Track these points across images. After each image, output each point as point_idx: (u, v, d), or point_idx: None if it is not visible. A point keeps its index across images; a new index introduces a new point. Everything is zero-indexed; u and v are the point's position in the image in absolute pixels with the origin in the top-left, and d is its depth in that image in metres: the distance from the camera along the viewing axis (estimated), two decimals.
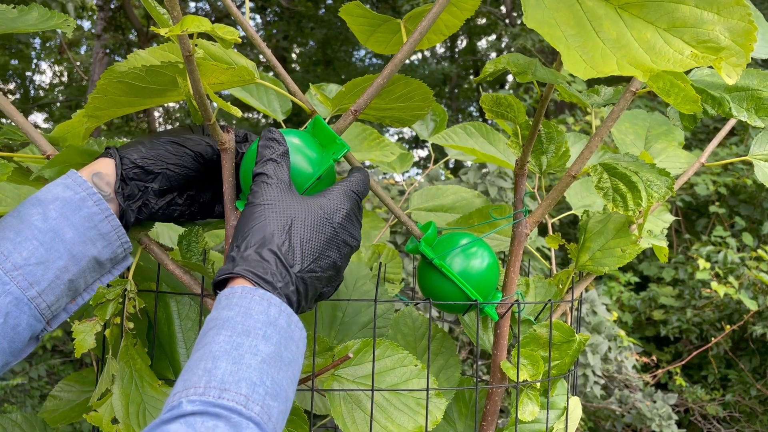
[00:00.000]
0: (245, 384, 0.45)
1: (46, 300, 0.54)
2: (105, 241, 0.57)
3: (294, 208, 0.55)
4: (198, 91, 0.53)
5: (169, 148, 0.62)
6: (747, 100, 0.63)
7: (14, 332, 0.53)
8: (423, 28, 0.56)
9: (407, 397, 0.66)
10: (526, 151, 0.74)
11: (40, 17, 0.67)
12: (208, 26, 0.44)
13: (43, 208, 0.55)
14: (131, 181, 0.60)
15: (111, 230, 0.57)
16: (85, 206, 0.56)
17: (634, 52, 0.46)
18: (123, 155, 0.60)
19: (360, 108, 0.61)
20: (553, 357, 0.78)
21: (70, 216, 0.55)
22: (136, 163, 0.60)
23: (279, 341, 0.48)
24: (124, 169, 0.60)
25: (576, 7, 0.48)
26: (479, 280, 0.72)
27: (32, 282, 0.53)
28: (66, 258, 0.55)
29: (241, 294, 0.49)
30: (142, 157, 0.61)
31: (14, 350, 0.54)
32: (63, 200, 0.56)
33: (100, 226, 0.57)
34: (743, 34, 0.46)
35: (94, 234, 0.56)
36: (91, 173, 0.59)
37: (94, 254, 0.57)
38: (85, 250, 0.56)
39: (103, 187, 0.59)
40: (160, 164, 0.61)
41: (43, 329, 0.56)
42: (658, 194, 0.64)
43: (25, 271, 0.53)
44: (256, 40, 0.64)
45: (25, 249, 0.53)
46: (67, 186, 0.56)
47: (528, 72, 0.60)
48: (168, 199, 0.64)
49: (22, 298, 0.53)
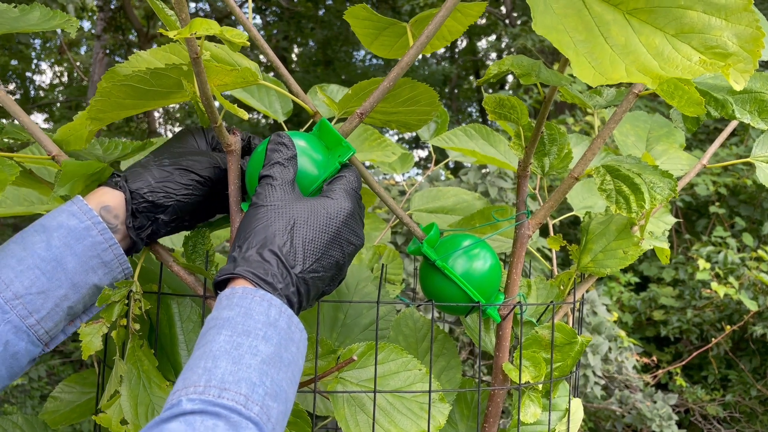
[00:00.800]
0: (245, 384, 0.45)
1: (44, 327, 0.55)
2: (107, 269, 0.57)
3: (297, 209, 0.55)
4: (205, 93, 0.53)
5: (178, 179, 0.61)
6: (750, 103, 0.63)
7: (13, 359, 0.53)
8: (430, 31, 0.56)
9: (410, 401, 0.66)
10: (528, 152, 0.74)
11: (42, 17, 0.67)
12: (216, 29, 0.44)
13: (47, 235, 0.55)
14: (141, 213, 0.60)
15: (113, 258, 0.58)
16: (90, 235, 0.56)
17: (642, 59, 0.46)
18: (132, 189, 0.59)
19: (366, 111, 0.61)
20: (555, 359, 0.78)
21: (73, 245, 0.55)
22: (146, 198, 0.60)
23: (279, 342, 0.48)
24: (134, 203, 0.59)
25: (584, 12, 0.48)
26: (481, 281, 0.72)
27: (32, 311, 0.54)
28: (67, 287, 0.55)
29: (241, 294, 0.49)
30: (151, 190, 0.60)
31: (12, 374, 0.54)
32: (67, 228, 0.55)
33: (103, 255, 0.57)
34: (751, 40, 0.46)
35: (96, 263, 0.56)
36: (99, 206, 0.58)
37: (95, 282, 0.57)
38: (86, 279, 0.56)
39: (111, 220, 0.59)
40: (170, 197, 0.61)
41: (41, 351, 0.56)
42: (661, 196, 0.64)
43: (26, 300, 0.53)
44: (259, 41, 0.64)
45: (27, 278, 0.53)
46: (73, 214, 0.56)
47: (532, 74, 0.60)
48: (176, 225, 0.64)
49: (21, 326, 0.53)
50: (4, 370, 0.53)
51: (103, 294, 0.57)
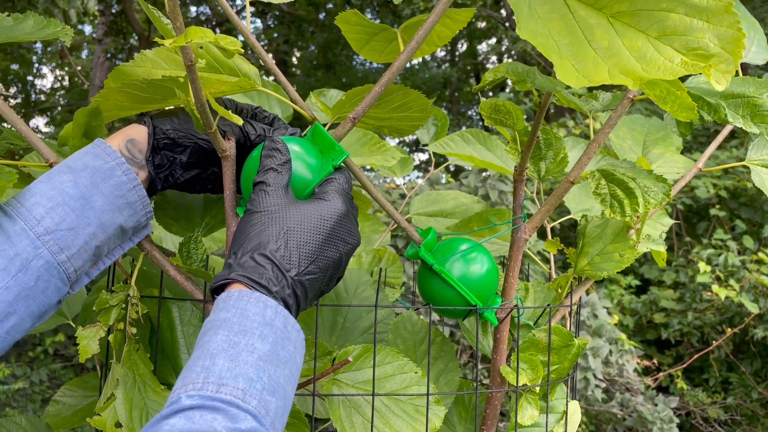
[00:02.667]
0: (242, 379, 0.46)
1: (74, 264, 0.56)
2: (131, 210, 0.59)
3: (290, 213, 0.56)
4: (200, 100, 0.54)
5: None
6: (743, 107, 0.63)
7: (44, 295, 0.54)
8: (420, 37, 0.57)
9: (406, 403, 0.67)
10: (524, 157, 0.75)
11: (36, 25, 0.67)
12: (211, 37, 0.45)
13: (74, 175, 0.56)
14: (161, 151, 0.62)
15: (137, 200, 0.59)
16: (114, 175, 0.57)
17: (625, 61, 0.47)
18: (156, 125, 0.62)
19: (358, 116, 0.61)
20: (553, 361, 0.79)
21: (99, 184, 0.57)
22: (168, 134, 0.62)
23: (275, 341, 0.49)
24: (156, 138, 0.62)
25: (569, 16, 0.49)
26: (479, 285, 0.73)
27: (63, 247, 0.55)
28: (95, 225, 0.56)
29: (237, 297, 0.51)
30: (174, 128, 0.62)
31: (42, 312, 0.55)
32: (93, 168, 0.57)
33: (127, 195, 0.58)
34: (732, 41, 0.47)
35: (121, 203, 0.58)
36: (126, 138, 0.60)
37: (120, 222, 0.58)
38: (112, 218, 0.57)
39: (136, 154, 0.61)
40: (191, 138, 0.63)
41: (67, 292, 0.57)
42: (655, 200, 0.65)
43: (57, 236, 0.54)
44: (257, 48, 0.65)
45: (57, 214, 0.55)
46: (97, 155, 0.58)
47: (527, 80, 0.60)
48: (194, 173, 0.66)
49: (53, 262, 0.54)
50: (35, 307, 0.54)
51: (101, 298, 0.58)
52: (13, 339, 0.54)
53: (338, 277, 0.60)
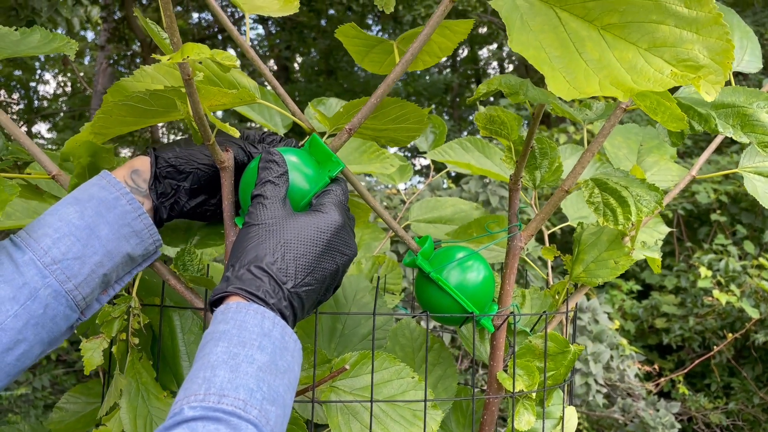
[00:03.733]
0: (243, 390, 0.47)
1: (81, 292, 0.57)
2: (138, 239, 0.60)
3: (288, 226, 0.57)
4: (197, 113, 0.55)
5: (203, 150, 0.66)
6: (733, 117, 0.64)
7: (53, 323, 0.56)
8: (414, 49, 0.58)
9: (404, 408, 0.68)
10: (519, 166, 0.76)
11: (42, 39, 0.68)
12: (207, 53, 0.46)
13: (80, 206, 0.58)
14: (164, 179, 0.64)
15: (144, 228, 0.61)
16: (119, 205, 0.59)
17: (615, 72, 0.48)
18: (158, 154, 0.64)
19: (354, 127, 0.63)
20: (549, 367, 0.80)
21: (105, 214, 0.58)
22: (169, 162, 0.64)
23: (274, 351, 0.51)
24: (158, 167, 0.63)
25: (560, 29, 0.50)
26: (475, 292, 0.74)
27: (70, 276, 0.56)
28: (101, 254, 0.58)
29: (236, 309, 0.52)
30: (176, 156, 0.64)
31: (51, 339, 0.57)
32: (99, 199, 0.59)
33: (133, 224, 0.60)
34: (721, 52, 0.48)
35: (127, 231, 0.59)
36: (130, 170, 0.63)
37: (127, 250, 0.60)
38: (119, 247, 0.59)
39: (140, 184, 0.63)
40: (192, 164, 0.65)
41: (78, 319, 0.59)
42: (647, 209, 0.66)
43: (64, 265, 0.56)
44: (256, 61, 0.66)
45: (64, 245, 0.56)
46: (102, 187, 0.60)
47: (519, 93, 0.62)
48: (199, 200, 0.67)
49: (60, 290, 0.56)
50: (45, 334, 0.56)
51: (103, 311, 0.59)
52: (23, 366, 0.55)
53: (335, 287, 0.61)
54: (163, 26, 0.64)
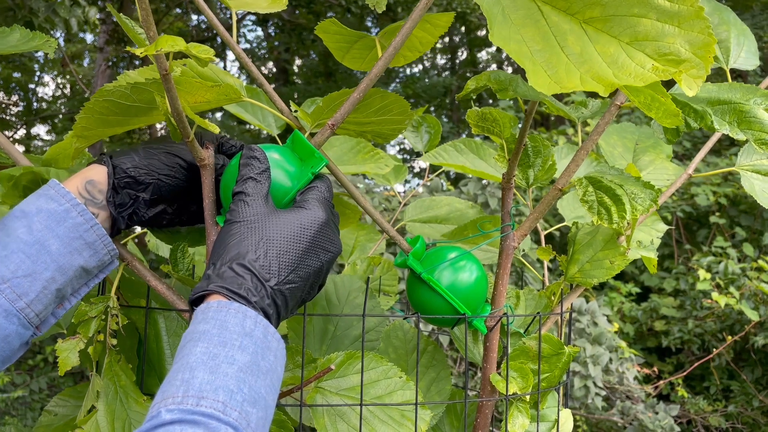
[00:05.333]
0: (222, 391, 0.45)
1: (34, 309, 0.55)
2: (91, 251, 0.58)
3: (270, 222, 0.56)
4: (176, 109, 0.53)
5: (162, 158, 0.63)
6: (729, 113, 0.63)
7: (5, 342, 0.54)
8: (397, 43, 0.57)
9: (391, 409, 0.66)
10: (512, 165, 0.75)
11: (22, 38, 0.67)
12: (182, 45, 0.45)
13: (27, 220, 0.56)
14: (122, 189, 0.61)
15: (97, 239, 0.58)
16: (70, 217, 0.57)
17: (597, 67, 0.47)
18: (116, 164, 0.61)
19: (337, 122, 0.61)
20: (543, 369, 0.78)
21: (54, 227, 0.56)
22: (128, 172, 0.61)
23: (255, 351, 0.49)
24: (116, 178, 0.60)
25: (542, 22, 0.48)
26: (467, 293, 0.72)
27: (20, 294, 0.54)
28: (53, 269, 0.56)
29: (216, 308, 0.50)
30: (135, 166, 0.61)
31: (4, 358, 0.55)
32: (47, 212, 0.56)
33: (85, 236, 0.57)
34: (703, 46, 0.47)
35: (79, 244, 0.57)
36: (84, 180, 0.59)
37: (80, 263, 0.57)
38: (71, 260, 0.57)
39: (96, 195, 0.60)
40: (152, 175, 0.62)
41: (33, 334, 0.57)
42: (642, 207, 0.64)
43: (13, 283, 0.54)
44: (243, 59, 0.65)
45: (12, 262, 0.54)
46: (51, 198, 0.57)
47: (509, 89, 0.60)
48: (159, 209, 0.65)
49: (11, 309, 0.54)
50: None
51: (80, 310, 0.57)
52: None
53: (320, 285, 0.60)
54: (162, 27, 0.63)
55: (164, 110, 0.54)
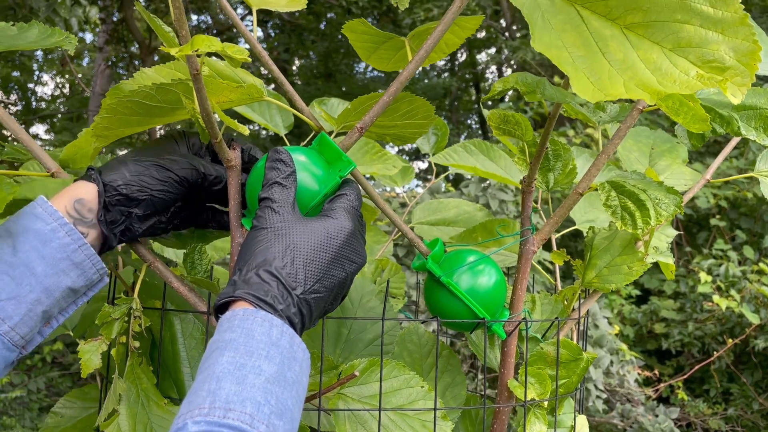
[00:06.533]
0: (250, 403, 0.44)
1: (19, 332, 0.54)
2: (79, 271, 0.56)
3: (297, 230, 0.55)
4: (205, 110, 0.53)
5: (154, 174, 0.60)
6: (755, 119, 0.63)
7: None
8: (429, 46, 0.56)
9: (413, 418, 0.65)
10: (533, 168, 0.74)
11: (41, 34, 0.66)
12: (218, 46, 0.44)
13: (12, 240, 0.54)
14: (114, 207, 0.59)
15: (85, 259, 0.56)
16: (57, 237, 0.55)
17: (640, 74, 0.46)
18: (106, 181, 0.58)
19: (366, 125, 0.61)
20: (561, 375, 0.78)
21: (41, 248, 0.54)
22: (120, 190, 0.58)
23: (282, 361, 0.48)
24: (108, 196, 0.58)
25: (582, 28, 0.48)
26: (486, 297, 0.72)
27: (4, 317, 0.53)
28: (38, 291, 0.54)
29: (242, 316, 0.49)
30: (126, 183, 0.59)
31: None
32: (34, 232, 0.54)
33: (73, 256, 0.55)
34: (748, 53, 0.46)
35: (67, 265, 0.55)
36: (73, 199, 0.57)
37: (68, 284, 0.55)
38: (58, 282, 0.55)
39: (85, 214, 0.57)
40: (145, 191, 0.59)
41: (18, 355, 0.55)
42: (666, 212, 0.64)
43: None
44: (264, 58, 0.64)
45: None
46: (38, 216, 0.55)
47: (537, 91, 0.60)
48: (152, 222, 0.63)
49: None
50: None
51: (103, 312, 0.56)
52: None
53: (343, 296, 0.58)
54: (165, 21, 0.62)
55: (191, 111, 0.53)
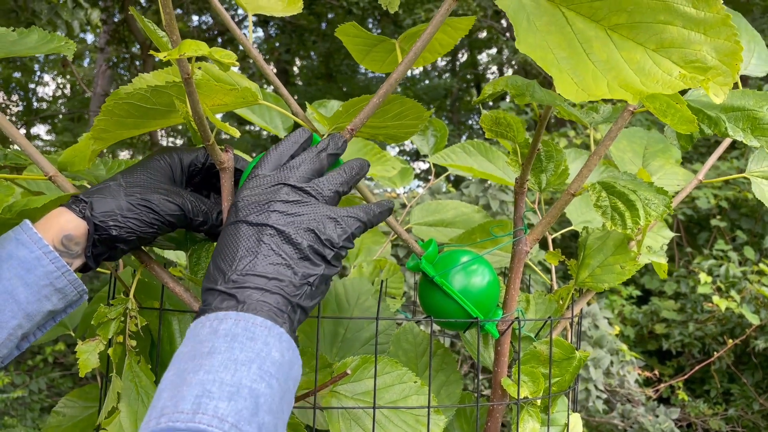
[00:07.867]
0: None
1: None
2: (60, 295, 0.56)
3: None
4: (197, 113, 0.53)
5: (144, 217, 0.59)
6: (743, 120, 0.63)
7: None
8: (417, 48, 0.57)
9: (406, 414, 0.66)
10: (525, 169, 0.75)
11: (40, 40, 0.67)
12: (205, 50, 0.45)
13: None
14: (102, 243, 0.59)
15: (67, 284, 0.56)
16: (41, 265, 0.55)
17: (624, 74, 0.47)
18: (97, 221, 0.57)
19: (356, 127, 0.62)
20: (554, 374, 0.78)
21: (24, 276, 0.54)
22: (110, 232, 0.58)
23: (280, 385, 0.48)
24: (97, 234, 0.58)
25: (567, 29, 0.49)
26: (480, 297, 0.73)
27: None
28: (20, 317, 0.54)
29: (234, 320, 0.49)
30: (117, 225, 0.58)
31: None
32: (18, 259, 0.54)
33: (56, 282, 0.56)
34: (730, 53, 0.47)
35: (49, 291, 0.55)
36: (61, 233, 0.57)
37: (49, 308, 0.56)
38: (40, 307, 0.55)
39: (72, 247, 0.57)
40: (133, 234, 0.59)
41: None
42: (656, 212, 0.65)
43: None
44: (259, 60, 0.65)
45: None
46: (22, 243, 0.55)
47: (526, 94, 0.61)
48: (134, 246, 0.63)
49: None
50: None
51: (99, 312, 0.57)
52: None
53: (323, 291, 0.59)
54: (162, 27, 0.63)
55: (184, 114, 0.54)
